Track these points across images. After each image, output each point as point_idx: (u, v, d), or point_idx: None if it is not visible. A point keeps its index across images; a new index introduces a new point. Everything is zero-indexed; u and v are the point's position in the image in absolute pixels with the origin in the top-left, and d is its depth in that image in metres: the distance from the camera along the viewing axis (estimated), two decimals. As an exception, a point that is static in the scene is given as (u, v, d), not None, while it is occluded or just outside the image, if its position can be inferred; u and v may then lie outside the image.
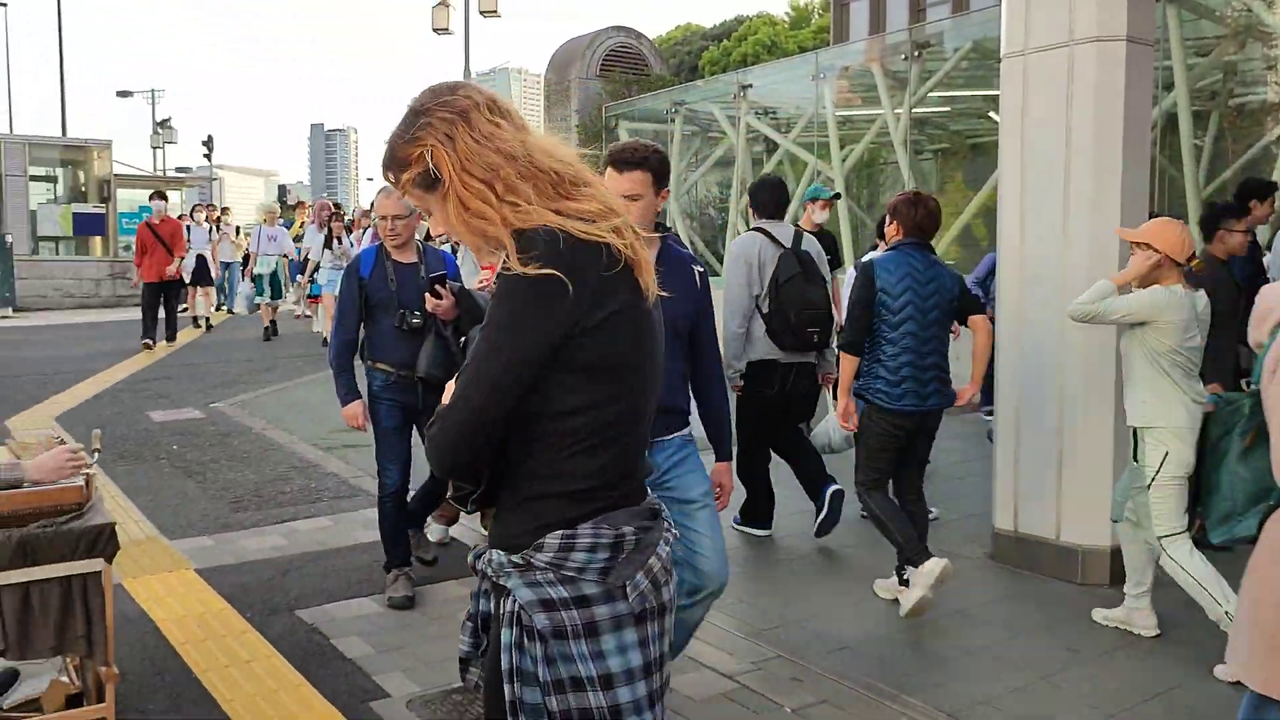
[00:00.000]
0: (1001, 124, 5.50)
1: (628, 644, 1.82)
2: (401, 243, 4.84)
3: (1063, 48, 5.08)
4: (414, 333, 4.72)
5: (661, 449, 3.39)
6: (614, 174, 3.32)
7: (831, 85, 14.97)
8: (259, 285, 15.59)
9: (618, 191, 3.18)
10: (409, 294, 4.75)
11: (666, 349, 3.05)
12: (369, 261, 4.87)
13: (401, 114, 1.89)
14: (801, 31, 46.23)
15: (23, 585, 3.17)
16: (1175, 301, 4.21)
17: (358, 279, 4.83)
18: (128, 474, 7.24)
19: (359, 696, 3.90)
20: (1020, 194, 5.31)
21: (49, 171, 26.19)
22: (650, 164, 3.32)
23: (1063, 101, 5.09)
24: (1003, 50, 5.39)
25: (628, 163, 3.32)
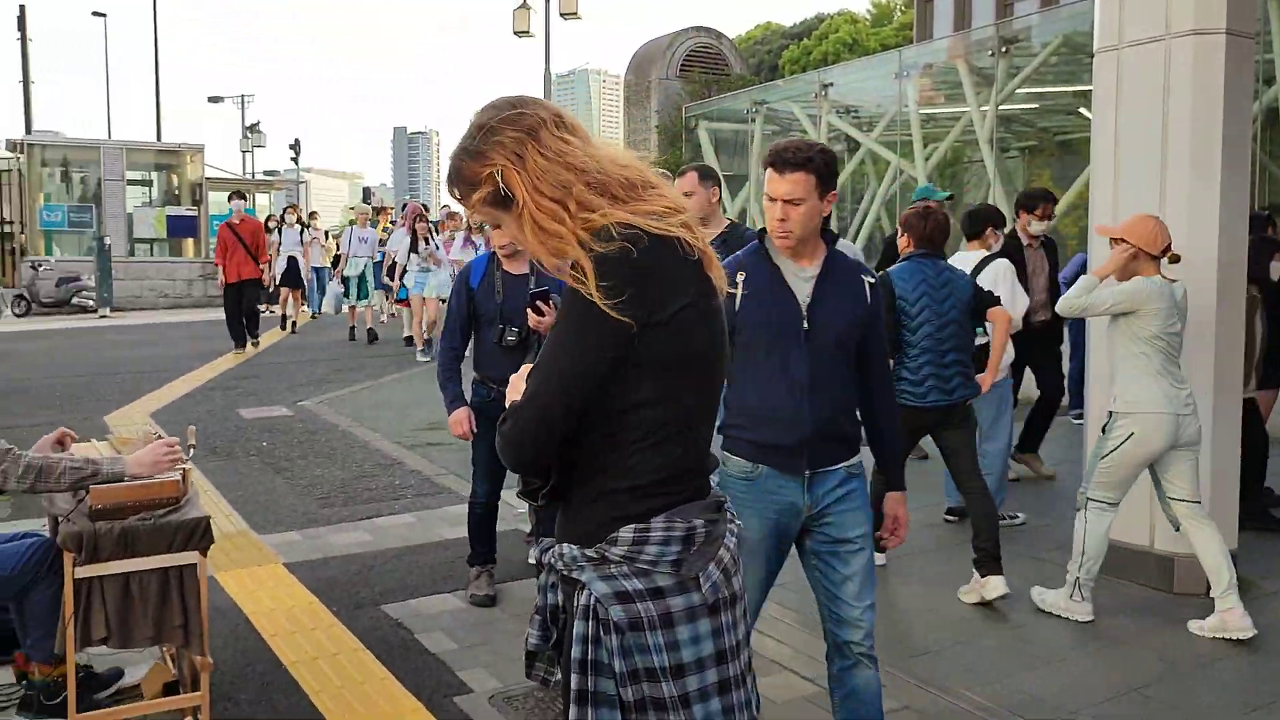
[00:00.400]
0: (1094, 120, 5.37)
1: (701, 634, 1.85)
2: (512, 252, 4.65)
3: (1159, 41, 4.93)
4: (519, 348, 4.53)
5: (823, 481, 3.03)
6: (773, 175, 2.99)
7: (915, 83, 14.77)
8: (348, 286, 15.56)
9: (776, 194, 2.97)
10: (515, 307, 4.53)
11: (830, 365, 2.99)
12: (479, 271, 4.72)
13: (467, 129, 1.90)
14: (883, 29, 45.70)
15: (123, 576, 3.28)
16: (1155, 291, 4.46)
17: (466, 289, 4.71)
18: (219, 470, 7.44)
19: (442, 691, 3.95)
20: (1114, 193, 5.17)
21: (144, 175, 27.10)
22: (814, 164, 2.96)
23: (1159, 97, 4.94)
24: (1096, 44, 5.26)
25: (789, 163, 2.97)
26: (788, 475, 3.00)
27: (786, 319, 3.00)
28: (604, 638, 1.82)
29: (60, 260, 23.89)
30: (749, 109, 17.98)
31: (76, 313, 21.66)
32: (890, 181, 15.30)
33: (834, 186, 3.04)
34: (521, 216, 1.83)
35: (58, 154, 26.09)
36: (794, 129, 17.98)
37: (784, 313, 3.01)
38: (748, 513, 2.95)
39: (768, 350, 3.01)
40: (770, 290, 3.04)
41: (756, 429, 3.02)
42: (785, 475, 3.00)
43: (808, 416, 2.96)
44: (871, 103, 16.18)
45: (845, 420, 3.08)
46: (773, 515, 3.01)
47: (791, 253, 3.04)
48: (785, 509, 3.01)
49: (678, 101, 23.20)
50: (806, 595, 3.74)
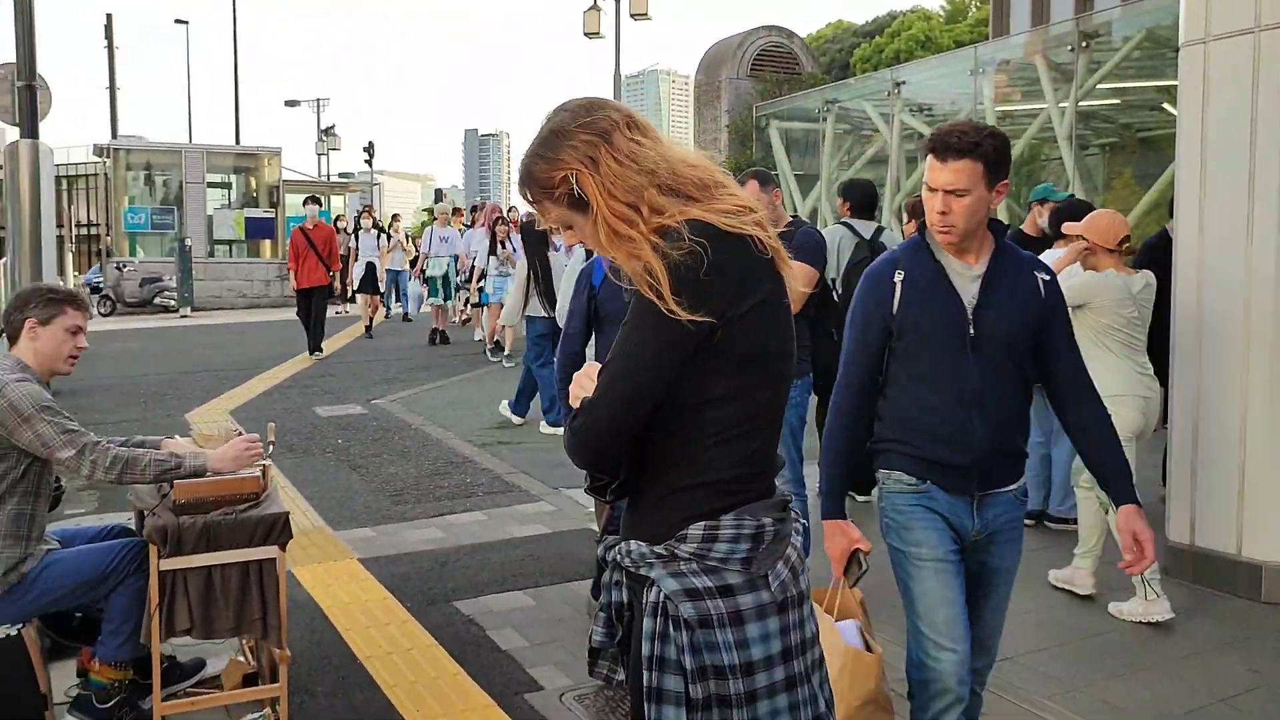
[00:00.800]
0: (1179, 116, 5.22)
1: (770, 632, 1.85)
2: None
3: (1248, 34, 4.78)
4: None
5: (992, 504, 2.78)
6: (934, 163, 2.68)
7: (990, 79, 14.53)
8: (431, 287, 15.26)
9: (937, 184, 2.68)
10: None
11: (1001, 374, 2.72)
12: (602, 269, 4.40)
13: (538, 132, 1.91)
14: (958, 25, 45.04)
15: (206, 569, 3.36)
16: (1106, 283, 4.74)
17: (589, 288, 4.39)
18: (296, 466, 7.58)
19: (513, 688, 3.98)
20: (1199, 191, 5.02)
21: (224, 178, 27.77)
22: (982, 150, 2.64)
23: (1247, 91, 4.79)
24: (1181, 38, 5.12)
25: (953, 149, 2.65)
26: (956, 495, 2.76)
27: (950, 323, 2.73)
28: (673, 634, 1.82)
29: (143, 261, 24.58)
30: (820, 108, 17.85)
31: (159, 312, 22.28)
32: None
33: (1005, 175, 2.73)
34: (595, 219, 1.84)
35: (141, 158, 26.85)
36: (865, 128, 17.82)
37: (947, 316, 2.73)
38: (920, 527, 2.77)
39: (931, 357, 2.75)
40: (932, 290, 2.76)
41: (921, 444, 2.77)
42: (953, 495, 2.76)
43: (979, 432, 2.71)
44: (945, 100, 15.97)
45: (1019, 436, 2.83)
46: (944, 529, 2.77)
47: (955, 249, 2.76)
48: (954, 531, 2.78)
49: (748, 101, 23.10)
50: (878, 597, 3.70)
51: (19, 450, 3.34)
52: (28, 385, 3.36)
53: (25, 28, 9.24)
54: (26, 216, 9.17)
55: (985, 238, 2.78)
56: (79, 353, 3.65)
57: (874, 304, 2.83)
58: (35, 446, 3.31)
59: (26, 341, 3.53)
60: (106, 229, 26.88)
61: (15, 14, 9.20)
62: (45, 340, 3.54)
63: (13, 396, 3.29)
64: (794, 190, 18.51)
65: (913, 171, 16.66)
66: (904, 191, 16.01)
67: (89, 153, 34.84)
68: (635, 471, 1.91)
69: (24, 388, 3.33)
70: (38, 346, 3.53)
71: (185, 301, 21.40)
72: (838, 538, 2.84)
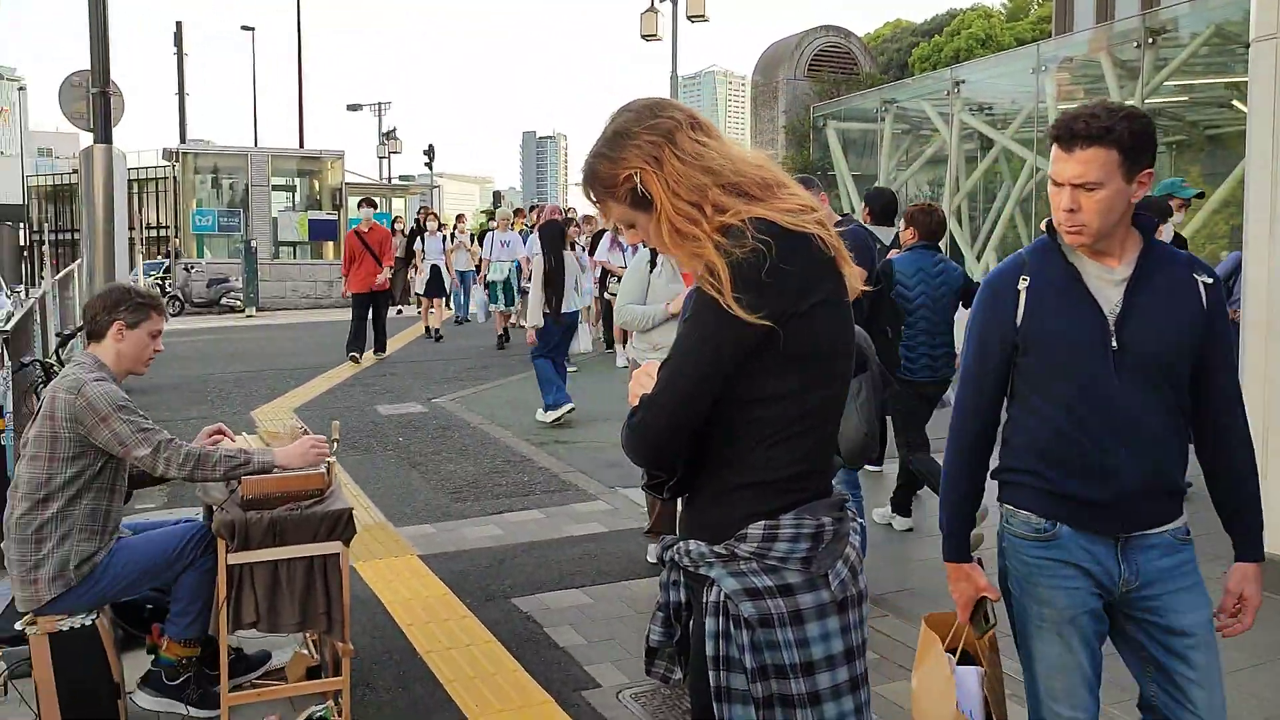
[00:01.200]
0: (1249, 113, 5.11)
1: (831, 631, 1.85)
2: None
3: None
4: None
5: (1144, 547, 2.38)
6: (1059, 154, 2.32)
7: (1053, 77, 14.32)
8: (493, 292, 14.90)
9: (1063, 178, 2.31)
10: None
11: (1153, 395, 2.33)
12: None
13: (602, 132, 1.93)
14: (1019, 23, 44.39)
15: (272, 563, 3.44)
16: None
17: None
18: (358, 464, 7.70)
19: (571, 685, 4.01)
20: (1271, 188, 4.91)
21: (288, 181, 28.29)
22: (1116, 136, 2.25)
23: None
24: (1252, 33, 5.01)
25: (1080, 136, 2.27)
26: (1097, 538, 2.38)
27: (1087, 335, 2.34)
28: (734, 633, 1.83)
29: (210, 262, 25.10)
30: (878, 108, 17.72)
31: (225, 312, 22.74)
32: (1026, 180, 14.86)
33: (1148, 163, 2.31)
34: (659, 219, 1.86)
35: (208, 162, 27.44)
36: (924, 128, 17.65)
37: (1083, 326, 2.35)
38: (1042, 583, 2.41)
39: (1064, 375, 2.37)
40: (1064, 298, 2.38)
41: (1053, 476, 2.38)
42: (1094, 538, 2.38)
43: (1125, 462, 2.32)
44: (1006, 99, 15.77)
45: (1174, 468, 2.39)
46: (1077, 587, 2.39)
47: (1091, 250, 2.38)
48: (1094, 580, 2.38)
49: (805, 101, 22.98)
50: (936, 600, 3.68)
51: (97, 448, 3.44)
52: (105, 385, 3.46)
53: (100, 36, 9.50)
54: (100, 219, 9.42)
55: (1129, 235, 2.39)
56: (154, 356, 3.76)
57: (993, 314, 2.48)
58: (112, 445, 3.42)
59: (111, 342, 3.63)
60: (175, 231, 27.50)
61: (90, 23, 9.46)
62: (130, 343, 3.64)
63: (91, 396, 3.39)
64: (851, 191, 18.39)
65: (972, 171, 16.46)
66: (963, 192, 15.85)
67: (158, 157, 35.66)
68: (693, 469, 1.92)
69: (102, 387, 3.43)
70: (122, 348, 3.63)
71: (250, 302, 21.81)
72: (963, 584, 2.54)
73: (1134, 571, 2.37)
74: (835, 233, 1.89)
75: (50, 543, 3.39)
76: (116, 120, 9.91)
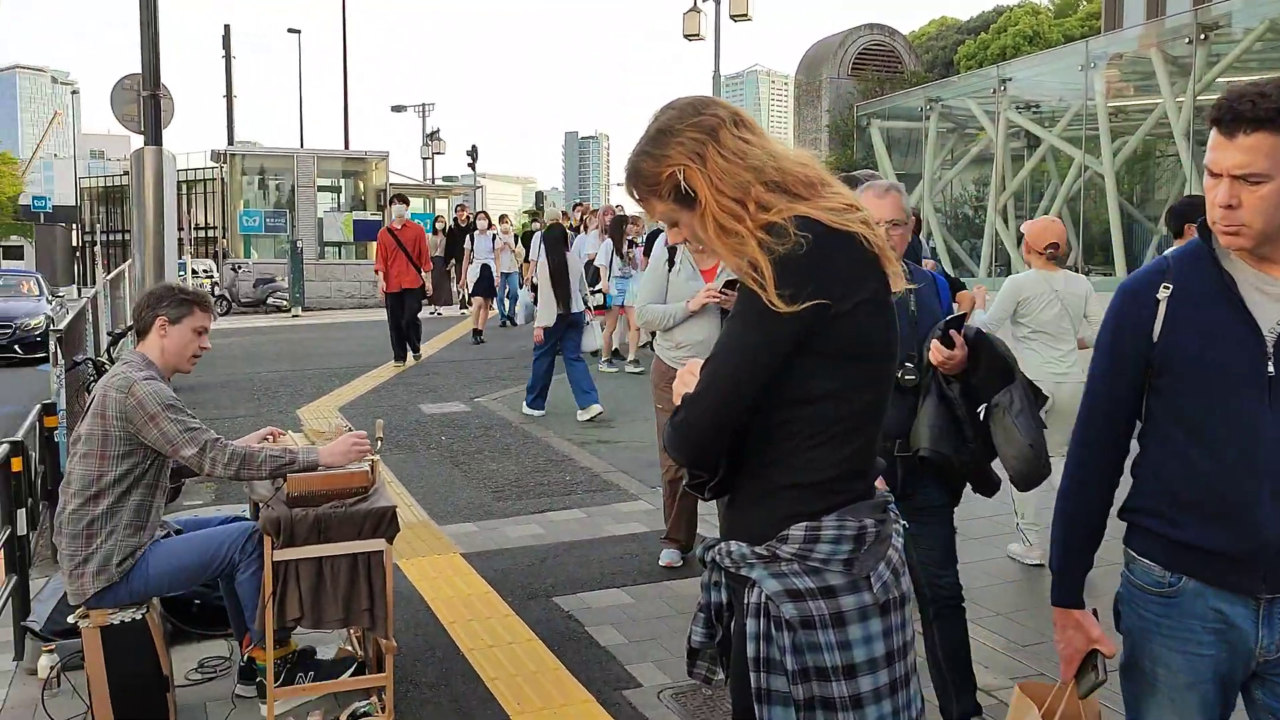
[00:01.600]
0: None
1: (873, 634, 1.83)
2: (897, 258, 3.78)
3: (1381, 22, 4.56)
4: (901, 392, 3.40)
5: None
6: (1218, 140, 1.93)
7: (1102, 74, 14.12)
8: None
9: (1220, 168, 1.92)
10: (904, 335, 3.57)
11: None
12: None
13: (645, 130, 1.93)
14: (1067, 20, 43.85)
15: (316, 560, 3.47)
16: (1026, 281, 5.29)
17: None
18: (401, 462, 7.76)
19: (612, 684, 4.02)
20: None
21: (333, 182, 28.59)
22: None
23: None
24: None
25: (1245, 119, 1.89)
26: (1233, 597, 2.02)
27: (1236, 356, 1.98)
28: (775, 635, 1.82)
29: (257, 263, 25.43)
30: (923, 106, 17.58)
31: (272, 312, 23.01)
32: (1074, 178, 14.67)
33: None
34: (704, 215, 1.85)
35: (255, 163, 27.81)
36: (969, 126, 17.48)
37: (1233, 346, 1.99)
38: (1162, 646, 2.10)
39: (1207, 402, 2.02)
40: (1212, 310, 2.02)
41: (1184, 522, 2.05)
42: (1229, 596, 2.02)
43: (1271, 511, 1.96)
44: (1054, 97, 15.59)
45: None
46: (1201, 653, 2.05)
47: (1252, 255, 2.00)
48: (1225, 645, 2.04)
49: (849, 101, 22.85)
50: (977, 602, 3.63)
51: (146, 446, 3.50)
52: (154, 383, 3.51)
53: (150, 40, 9.65)
54: (151, 220, 9.57)
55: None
56: (202, 352, 3.81)
57: (1128, 326, 2.12)
58: (160, 444, 3.47)
59: (156, 338, 3.69)
60: (223, 231, 27.89)
61: (141, 27, 9.61)
62: (174, 338, 3.70)
63: (141, 394, 3.45)
64: (897, 190, 18.25)
65: (1018, 170, 16.28)
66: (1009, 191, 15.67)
67: (207, 158, 36.22)
68: (734, 469, 1.91)
69: (151, 386, 3.49)
70: (166, 344, 3.69)
71: (296, 301, 22.05)
72: (1072, 632, 2.19)
73: (1275, 639, 2.01)
74: (880, 232, 1.88)
75: (99, 538, 3.46)
76: (166, 123, 10.06)
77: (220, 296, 23.31)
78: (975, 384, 3.31)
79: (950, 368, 3.26)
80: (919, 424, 3.34)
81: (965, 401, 3.34)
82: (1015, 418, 3.26)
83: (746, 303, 1.79)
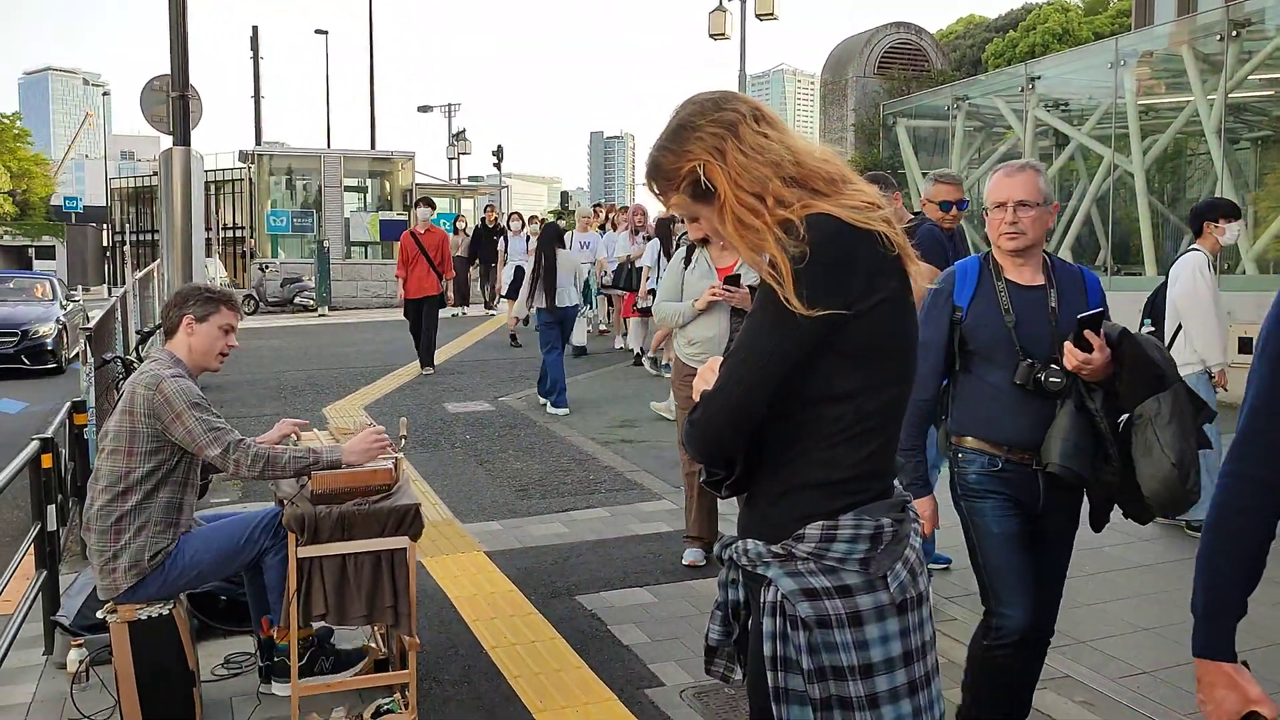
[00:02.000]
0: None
1: (890, 634, 1.82)
2: (1027, 244, 3.12)
3: None
4: (1038, 397, 3.05)
5: None
6: None
7: (1132, 72, 13.98)
8: None
9: None
10: (1034, 334, 3.08)
11: None
12: (968, 280, 3.22)
13: (666, 125, 1.93)
14: (1098, 17, 43.46)
15: (340, 557, 3.49)
16: None
17: (950, 306, 3.20)
18: (426, 460, 7.80)
19: (635, 683, 4.02)
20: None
21: (359, 182, 28.75)
22: None
23: None
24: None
25: None
26: None
27: None
28: (791, 634, 1.82)
29: (284, 262, 25.61)
30: (950, 105, 17.46)
31: (299, 311, 23.15)
32: (1103, 178, 14.55)
33: None
34: (723, 209, 1.85)
35: (283, 163, 28.01)
36: (997, 125, 17.36)
37: None
38: None
39: None
40: None
41: None
42: None
43: None
44: (1083, 95, 15.44)
45: None
46: None
47: None
48: None
49: (875, 99, 22.74)
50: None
51: (173, 444, 3.53)
52: (182, 381, 3.54)
53: (179, 42, 9.74)
54: (179, 219, 9.67)
55: None
56: (229, 351, 3.84)
57: None
58: (186, 442, 3.50)
59: (183, 336, 3.73)
60: (250, 231, 28.10)
61: (170, 29, 9.71)
62: (201, 336, 3.73)
63: (169, 392, 3.48)
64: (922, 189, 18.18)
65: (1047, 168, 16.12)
66: (1038, 189, 15.49)
67: (235, 158, 36.52)
68: (752, 467, 1.90)
69: (179, 383, 3.52)
70: (193, 342, 3.72)
71: (323, 301, 22.17)
72: (1223, 692, 1.82)
73: None
74: (901, 231, 1.87)
75: (128, 534, 3.49)
76: (195, 123, 10.16)
77: (248, 296, 23.49)
78: (1120, 392, 2.98)
79: (1090, 373, 2.94)
80: (1051, 436, 3.00)
81: (1108, 414, 3.00)
82: (1160, 431, 2.89)
83: (765, 302, 1.79)
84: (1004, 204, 3.11)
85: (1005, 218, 3.10)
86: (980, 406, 3.14)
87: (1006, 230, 3.11)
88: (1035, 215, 3.08)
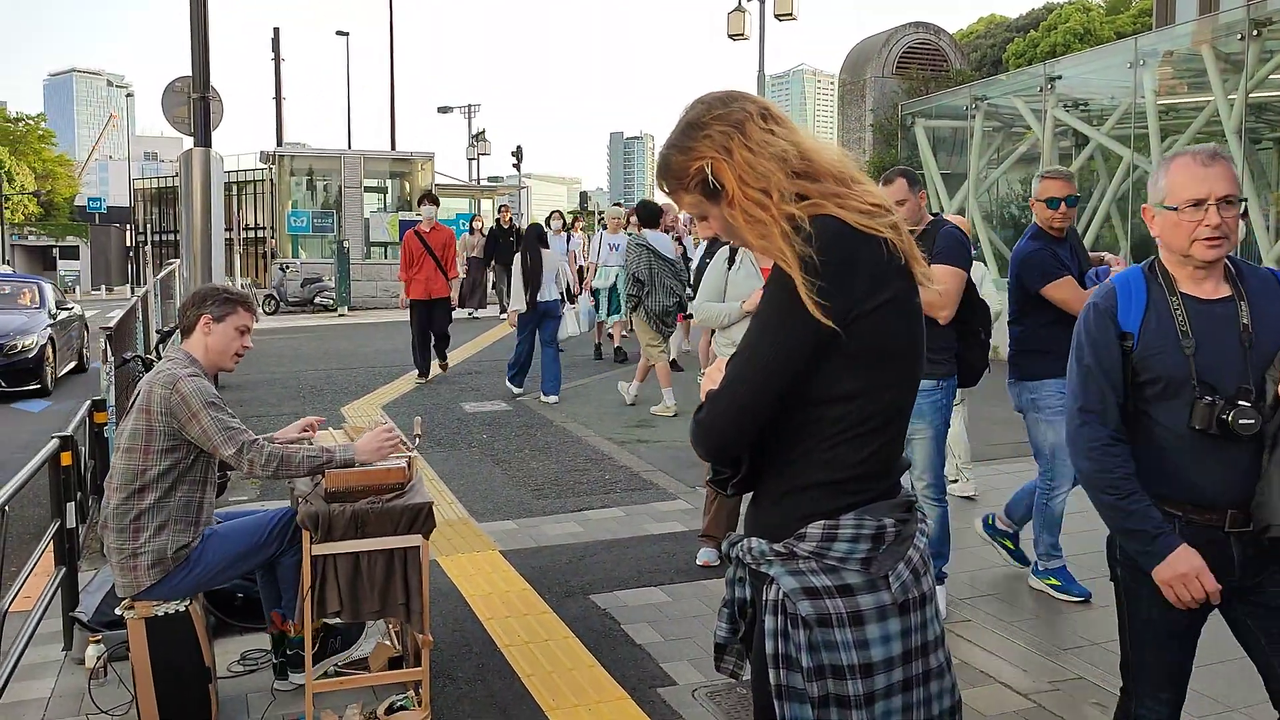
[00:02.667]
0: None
1: (891, 633, 1.84)
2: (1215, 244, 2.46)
3: None
4: (1231, 441, 2.44)
5: None
6: None
7: (1152, 72, 13.89)
8: (598, 300, 12.94)
9: None
10: (1218, 360, 2.47)
11: None
12: (1135, 297, 2.57)
13: (675, 124, 1.95)
14: (1120, 16, 43.20)
15: (353, 555, 3.52)
16: None
17: (1113, 328, 2.57)
18: (442, 459, 7.83)
19: (647, 682, 4.03)
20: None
21: (379, 182, 28.82)
22: None
23: None
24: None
25: None
26: None
27: None
28: (792, 632, 1.84)
29: (305, 262, 25.73)
30: (969, 105, 17.38)
31: (319, 311, 23.27)
32: (1123, 178, 14.45)
33: None
34: (731, 204, 1.87)
35: (304, 164, 28.11)
36: (1016, 125, 17.28)
37: None
38: None
39: None
40: None
41: None
42: None
43: None
44: (1103, 95, 15.35)
45: None
46: None
47: None
48: None
49: (894, 99, 22.67)
50: (1014, 604, 3.60)
51: (189, 442, 3.57)
52: (198, 380, 3.58)
53: (200, 44, 9.82)
54: (199, 220, 9.74)
55: None
56: (244, 351, 3.88)
57: None
58: (202, 440, 3.54)
59: (200, 336, 3.77)
60: (271, 231, 28.24)
61: (191, 31, 9.78)
62: (217, 336, 3.77)
63: (185, 391, 3.52)
64: (940, 190, 18.08)
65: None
66: (1057, 190, 15.40)
67: (256, 159, 36.74)
68: (757, 467, 1.92)
69: (195, 383, 3.56)
70: (210, 342, 3.77)
71: (343, 301, 22.27)
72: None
73: None
74: (909, 234, 1.88)
75: (147, 532, 3.53)
76: (216, 124, 10.23)
77: (269, 296, 23.62)
78: None
79: None
80: (1269, 490, 2.38)
81: None
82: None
83: (774, 297, 1.81)
84: (1202, 201, 2.42)
85: (1205, 219, 2.41)
86: (1150, 453, 2.52)
87: (1208, 236, 2.41)
88: (1235, 214, 2.46)
